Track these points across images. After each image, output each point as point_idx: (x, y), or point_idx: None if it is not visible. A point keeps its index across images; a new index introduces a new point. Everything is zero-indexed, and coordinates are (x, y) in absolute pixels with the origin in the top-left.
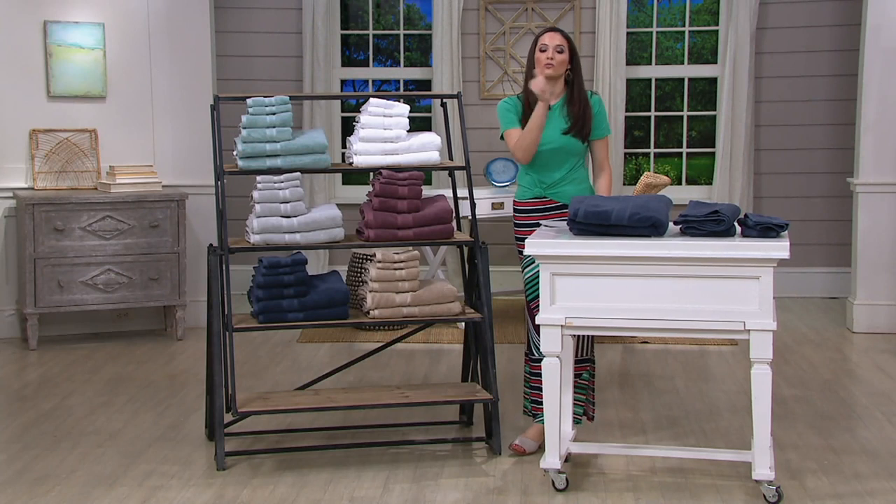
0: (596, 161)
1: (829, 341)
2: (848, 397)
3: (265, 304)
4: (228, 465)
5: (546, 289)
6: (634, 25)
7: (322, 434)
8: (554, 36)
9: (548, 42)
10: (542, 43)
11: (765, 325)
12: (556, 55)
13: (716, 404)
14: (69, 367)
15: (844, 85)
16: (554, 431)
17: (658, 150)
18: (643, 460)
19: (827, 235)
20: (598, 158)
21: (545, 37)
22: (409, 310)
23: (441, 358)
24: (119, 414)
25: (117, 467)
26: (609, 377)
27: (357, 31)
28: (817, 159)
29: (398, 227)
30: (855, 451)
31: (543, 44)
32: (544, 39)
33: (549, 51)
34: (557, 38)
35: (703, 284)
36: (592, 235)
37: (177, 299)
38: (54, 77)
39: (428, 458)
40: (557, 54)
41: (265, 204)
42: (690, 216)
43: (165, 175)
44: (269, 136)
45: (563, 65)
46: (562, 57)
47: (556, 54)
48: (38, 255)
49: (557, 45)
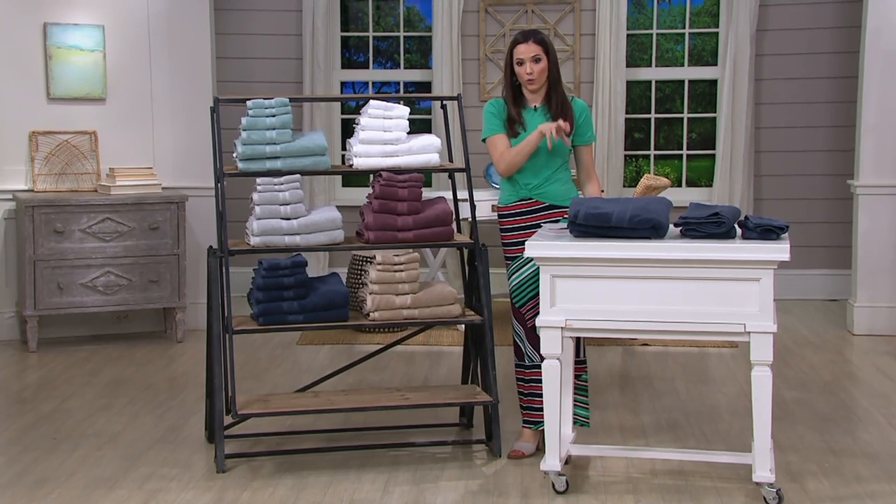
0: (582, 168)
1: (830, 343)
2: (848, 399)
3: (265, 306)
4: (228, 468)
5: (546, 291)
6: (634, 27)
7: (322, 436)
8: (529, 47)
9: (523, 55)
10: (518, 57)
11: (765, 328)
12: (534, 67)
13: (716, 406)
14: (69, 370)
15: (844, 87)
16: (554, 433)
17: (658, 152)
18: (643, 462)
19: (827, 237)
20: (585, 165)
21: (520, 48)
22: (409, 312)
23: (441, 360)
24: (119, 416)
25: (117, 470)
26: (609, 379)
27: (357, 32)
28: (817, 161)
29: (398, 229)
30: (856, 453)
31: (519, 58)
32: (520, 52)
33: (526, 64)
34: (532, 49)
35: (704, 286)
36: (593, 237)
37: (176, 301)
38: (54, 79)
39: (428, 461)
40: (535, 65)
41: (265, 206)
42: (691, 218)
43: (165, 177)
44: (268, 137)
45: (543, 73)
46: (540, 66)
47: (534, 66)
48: (38, 258)
49: (533, 55)
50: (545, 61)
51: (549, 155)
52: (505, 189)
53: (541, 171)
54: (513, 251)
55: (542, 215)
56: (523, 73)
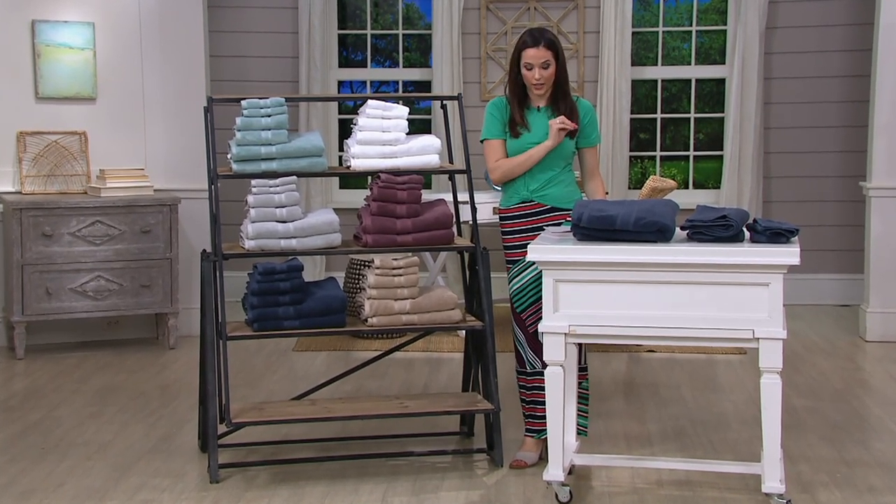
0: (587, 169)
1: (841, 350)
2: (861, 408)
3: (260, 311)
4: (222, 478)
5: (549, 296)
6: (640, 25)
7: (318, 445)
8: (539, 52)
9: (533, 60)
10: (527, 61)
11: (774, 334)
12: (543, 73)
13: (724, 415)
14: (57, 377)
15: (857, 86)
16: (557, 443)
17: (664, 153)
18: (649, 473)
19: (839, 241)
20: (589, 167)
21: (529, 53)
22: (408, 317)
23: (441, 367)
24: (109, 425)
25: (107, 480)
26: (614, 387)
27: (355, 30)
28: (829, 162)
29: (397, 232)
30: (868, 463)
31: (528, 62)
32: (528, 55)
33: (535, 70)
34: (543, 54)
35: (711, 291)
36: (597, 241)
37: (169, 307)
38: (43, 78)
39: (427, 471)
40: (544, 71)
41: (260, 208)
42: (698, 221)
43: (157, 179)
44: (264, 138)
45: (551, 78)
46: (549, 72)
47: (542, 72)
48: (26, 262)
49: (543, 61)
50: (554, 66)
51: (551, 156)
52: (506, 191)
53: (543, 173)
54: (514, 255)
55: (545, 218)
56: (531, 77)
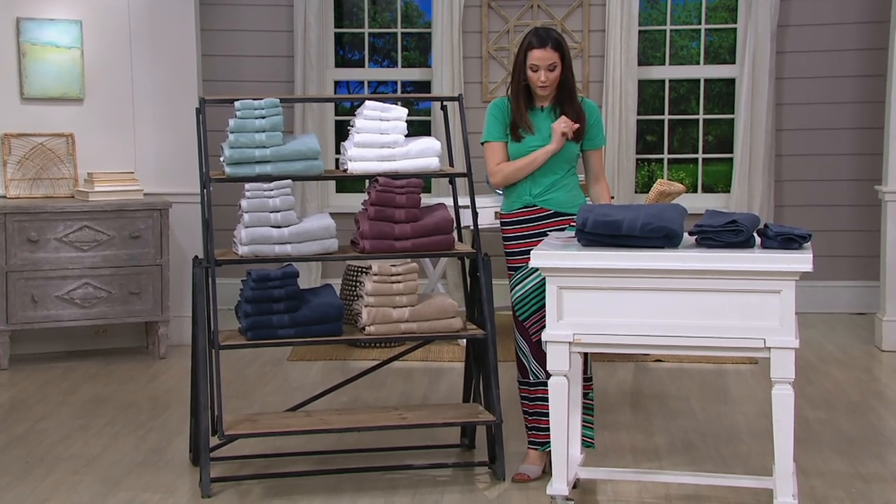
0: (591, 173)
1: (857, 360)
2: (877, 420)
3: (254, 319)
4: (214, 492)
5: (553, 303)
6: (647, 23)
7: (314, 458)
8: (546, 53)
9: (539, 62)
10: (533, 63)
11: (786, 343)
12: (549, 75)
13: (734, 427)
14: (43, 388)
15: (872, 86)
16: (561, 455)
17: (672, 155)
18: (657, 487)
19: (853, 247)
20: (594, 169)
21: (535, 54)
22: (407, 325)
23: (441, 377)
24: (97, 438)
25: (95, 495)
26: (620, 398)
27: (352, 29)
28: (843, 165)
29: (395, 237)
30: (885, 478)
31: (534, 64)
32: (535, 57)
33: (541, 72)
34: (549, 56)
35: (721, 299)
36: (602, 247)
37: (159, 315)
38: (28, 78)
39: (427, 484)
40: (550, 73)
41: (254, 213)
42: (707, 226)
43: (147, 182)
44: (258, 140)
45: (556, 80)
46: (555, 74)
47: (549, 75)
48: (11, 268)
49: (550, 63)
50: (560, 68)
51: (555, 160)
52: (508, 195)
53: (546, 177)
54: (516, 261)
55: (548, 223)
56: (536, 80)
